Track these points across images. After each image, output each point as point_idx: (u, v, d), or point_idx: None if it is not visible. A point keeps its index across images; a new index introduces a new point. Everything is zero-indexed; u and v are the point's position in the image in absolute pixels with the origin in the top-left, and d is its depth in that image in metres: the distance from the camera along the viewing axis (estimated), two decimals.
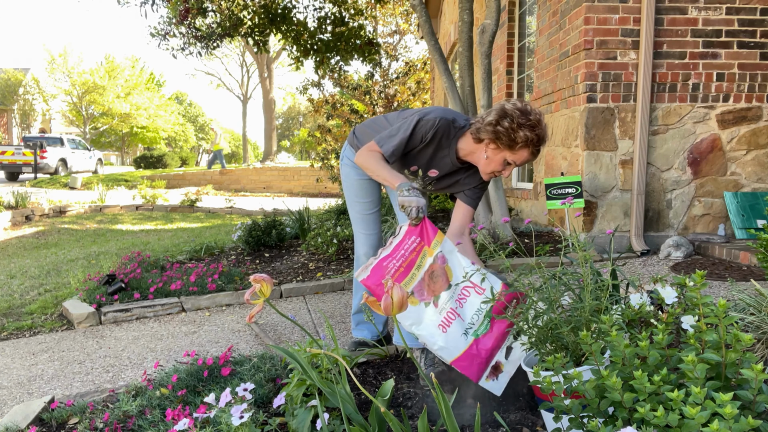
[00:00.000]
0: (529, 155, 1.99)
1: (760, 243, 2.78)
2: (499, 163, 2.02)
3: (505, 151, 1.99)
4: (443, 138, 2.14)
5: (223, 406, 1.61)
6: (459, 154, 2.17)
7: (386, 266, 1.84)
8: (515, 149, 1.97)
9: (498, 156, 2.01)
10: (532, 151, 1.98)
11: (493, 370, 1.78)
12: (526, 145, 1.95)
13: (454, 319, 1.79)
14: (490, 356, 1.77)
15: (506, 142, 1.96)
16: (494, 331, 1.79)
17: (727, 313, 1.25)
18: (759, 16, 4.23)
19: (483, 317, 1.79)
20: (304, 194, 17.16)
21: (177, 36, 7.98)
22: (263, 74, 29.58)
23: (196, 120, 47.70)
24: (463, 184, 2.30)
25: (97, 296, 3.95)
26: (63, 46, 35.56)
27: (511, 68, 6.42)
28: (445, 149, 2.17)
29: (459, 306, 1.82)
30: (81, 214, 10.36)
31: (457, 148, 2.15)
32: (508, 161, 2.01)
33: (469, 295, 1.84)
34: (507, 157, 2.00)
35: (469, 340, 1.77)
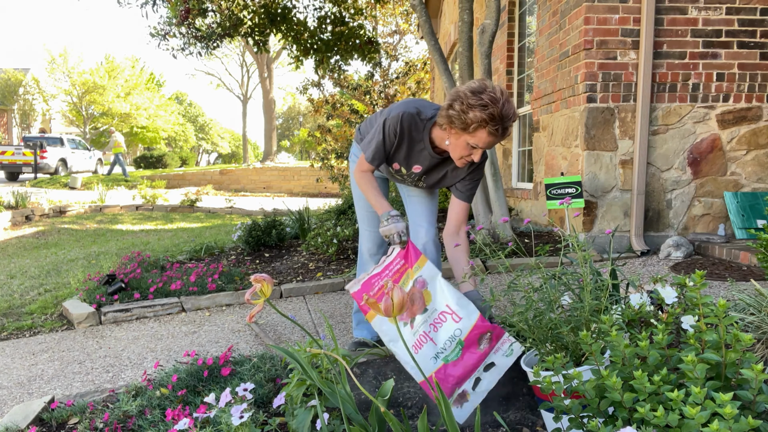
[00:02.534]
0: (489, 136, 1.91)
1: (760, 243, 2.78)
2: (463, 147, 1.98)
3: (463, 135, 1.94)
4: (413, 131, 2.11)
5: (223, 406, 1.61)
6: (434, 144, 2.14)
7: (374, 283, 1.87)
8: (471, 131, 1.91)
9: (460, 140, 1.97)
10: (491, 131, 1.89)
11: (459, 398, 1.79)
12: (480, 126, 1.88)
13: (426, 342, 1.81)
14: (456, 383, 1.78)
15: (459, 125, 1.92)
16: (465, 360, 1.80)
17: (727, 313, 1.25)
18: (759, 16, 4.23)
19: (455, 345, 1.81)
20: (304, 194, 17.16)
21: (177, 36, 7.98)
22: (263, 74, 29.58)
23: (196, 120, 47.70)
24: (452, 177, 2.25)
25: (97, 296, 3.95)
26: (63, 46, 35.52)
27: (511, 68, 6.41)
28: (419, 142, 2.14)
29: (433, 330, 1.84)
30: (81, 214, 10.36)
31: (431, 138, 2.12)
32: (470, 144, 1.95)
33: (446, 320, 1.86)
34: (468, 140, 1.95)
35: (438, 364, 1.78)
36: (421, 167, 2.21)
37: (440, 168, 2.23)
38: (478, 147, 1.95)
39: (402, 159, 2.21)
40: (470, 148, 1.97)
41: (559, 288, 1.70)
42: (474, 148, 1.96)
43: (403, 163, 2.23)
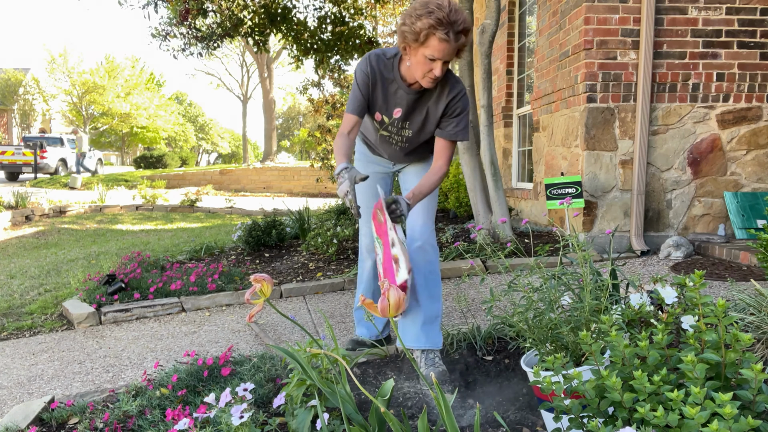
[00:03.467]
0: (441, 42, 1.91)
1: (760, 243, 2.78)
2: (422, 62, 1.98)
3: (419, 49, 1.96)
4: (383, 70, 2.16)
5: (223, 406, 1.61)
6: (405, 79, 2.15)
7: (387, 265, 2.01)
8: (423, 42, 1.93)
9: (417, 56, 1.99)
10: (441, 37, 1.90)
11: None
12: (429, 32, 1.90)
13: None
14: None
15: (412, 38, 1.95)
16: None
17: (726, 313, 1.25)
18: (759, 16, 4.23)
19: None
20: (304, 194, 17.17)
21: (177, 36, 7.98)
22: (263, 74, 29.59)
23: (196, 120, 47.71)
24: (434, 113, 2.22)
25: (97, 296, 3.94)
26: (63, 46, 35.58)
27: (511, 68, 6.42)
28: (392, 82, 2.17)
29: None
30: (81, 214, 10.36)
31: (401, 75, 2.14)
32: (427, 56, 1.96)
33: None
34: (423, 53, 1.96)
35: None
36: (401, 109, 2.22)
37: (420, 106, 2.22)
38: (436, 58, 1.95)
39: (381, 105, 2.24)
40: (429, 61, 1.97)
41: (559, 288, 1.70)
42: (432, 61, 1.97)
43: (383, 109, 2.24)
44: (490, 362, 2.29)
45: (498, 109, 6.58)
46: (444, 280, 4.08)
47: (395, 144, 2.37)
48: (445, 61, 1.97)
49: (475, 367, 2.26)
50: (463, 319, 3.07)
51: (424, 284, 2.30)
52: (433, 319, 2.30)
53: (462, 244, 4.55)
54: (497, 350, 2.35)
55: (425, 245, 2.33)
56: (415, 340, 2.26)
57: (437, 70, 1.99)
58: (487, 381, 2.14)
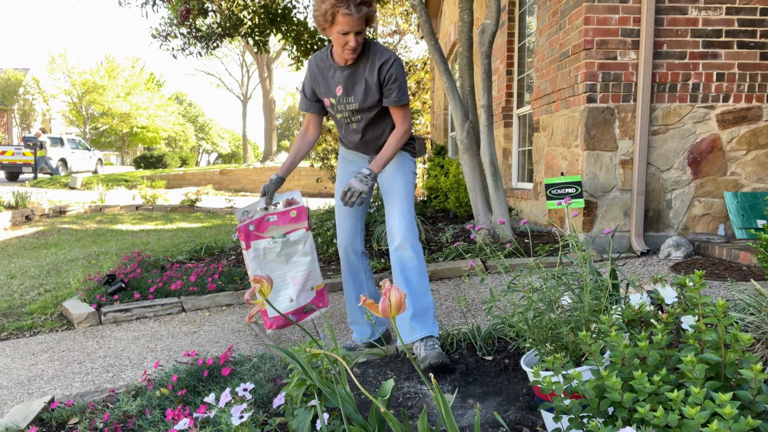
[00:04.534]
0: (345, 17, 2.17)
1: (760, 243, 2.78)
2: (339, 38, 2.25)
3: (332, 28, 2.23)
4: (319, 63, 2.47)
5: (223, 406, 1.61)
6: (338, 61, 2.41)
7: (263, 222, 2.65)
8: (333, 21, 2.21)
9: (333, 34, 2.26)
10: (344, 12, 2.16)
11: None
12: (334, 12, 2.17)
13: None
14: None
15: (323, 20, 2.22)
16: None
17: (726, 313, 1.25)
18: (759, 16, 4.23)
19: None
20: (304, 194, 17.15)
21: (178, 37, 7.98)
22: (263, 74, 29.58)
23: (196, 120, 47.70)
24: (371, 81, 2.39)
25: (97, 296, 3.95)
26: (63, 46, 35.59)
27: (511, 68, 6.42)
28: (329, 68, 2.44)
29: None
30: (81, 214, 10.36)
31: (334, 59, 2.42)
32: (341, 32, 2.22)
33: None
34: (336, 29, 2.22)
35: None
36: (341, 86, 2.43)
37: (355, 79, 2.41)
38: (347, 31, 2.21)
39: (325, 90, 2.49)
40: (342, 36, 2.23)
41: (559, 288, 1.70)
42: (345, 35, 2.23)
43: (328, 94, 2.48)
44: (490, 362, 2.29)
45: (498, 109, 6.59)
46: (444, 280, 4.08)
47: (351, 123, 2.54)
48: (357, 32, 2.22)
49: (475, 367, 2.27)
50: (463, 319, 3.07)
51: (407, 282, 2.33)
52: (424, 311, 2.34)
53: (462, 244, 4.56)
54: (497, 350, 2.35)
55: (404, 244, 2.37)
56: (410, 333, 2.30)
57: (352, 41, 2.24)
58: (487, 381, 2.14)
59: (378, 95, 2.41)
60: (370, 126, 2.52)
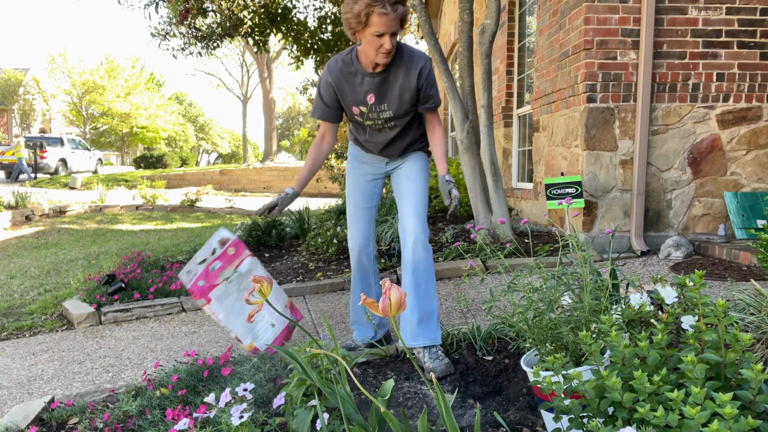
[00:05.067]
0: (382, 17, 2.02)
1: (760, 243, 2.78)
2: (372, 40, 2.09)
3: (365, 30, 2.08)
4: (343, 68, 2.28)
5: (223, 406, 1.61)
6: (367, 66, 2.25)
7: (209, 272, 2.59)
8: (367, 23, 2.05)
9: (367, 36, 2.09)
10: (380, 12, 2.01)
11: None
12: (369, 12, 2.02)
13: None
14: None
15: (355, 21, 2.07)
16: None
17: (726, 313, 1.25)
18: (759, 16, 4.23)
19: None
20: (304, 194, 17.15)
21: (177, 36, 7.98)
22: (263, 74, 29.58)
23: (196, 120, 47.69)
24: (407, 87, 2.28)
25: (97, 296, 3.94)
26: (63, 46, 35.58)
27: (511, 68, 6.42)
28: (356, 75, 2.28)
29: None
30: (81, 214, 10.36)
31: (362, 64, 2.25)
32: (375, 34, 2.07)
33: None
34: (370, 31, 2.07)
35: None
36: (372, 94, 2.29)
37: (389, 85, 2.29)
38: (382, 33, 2.05)
39: (352, 99, 2.32)
40: (377, 38, 2.07)
41: (559, 288, 1.70)
42: (380, 36, 2.07)
43: (358, 102, 2.32)
44: (490, 362, 2.29)
45: (498, 109, 6.59)
46: (444, 280, 4.08)
47: (383, 129, 2.42)
48: (392, 34, 2.07)
49: (475, 367, 2.27)
50: (463, 319, 3.07)
51: (417, 284, 2.31)
52: (429, 315, 2.32)
53: (462, 244, 4.55)
54: (497, 350, 2.35)
55: (417, 245, 2.33)
56: (413, 338, 2.28)
57: (387, 44, 2.08)
58: (487, 381, 2.14)
59: (415, 101, 2.32)
60: (403, 131, 2.45)
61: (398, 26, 2.08)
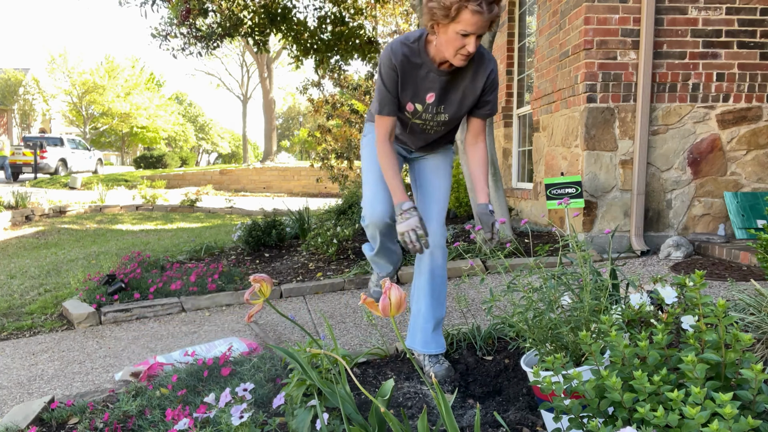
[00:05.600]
0: (474, 15, 1.79)
1: (760, 243, 2.78)
2: (454, 39, 1.86)
3: (449, 25, 1.84)
4: (410, 56, 2.02)
5: (223, 406, 1.61)
6: (435, 60, 2.03)
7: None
8: (455, 17, 1.82)
9: (448, 33, 1.86)
10: (474, 9, 1.78)
11: None
12: (461, 6, 1.79)
13: None
14: None
15: (441, 14, 1.83)
16: None
17: (726, 313, 1.25)
18: (759, 16, 4.23)
19: None
20: (304, 194, 17.17)
21: (178, 36, 7.99)
22: (263, 74, 29.59)
23: (196, 120, 47.70)
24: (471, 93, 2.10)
25: (97, 296, 3.95)
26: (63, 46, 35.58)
27: (511, 68, 6.42)
28: (421, 67, 2.03)
29: None
30: (81, 214, 10.36)
31: (430, 56, 2.02)
32: (460, 32, 1.84)
33: None
34: (455, 29, 1.84)
35: None
36: (434, 93, 2.07)
37: (454, 86, 2.09)
38: (468, 33, 1.84)
39: (412, 94, 2.09)
40: (461, 37, 1.85)
41: (559, 288, 1.70)
42: (465, 36, 1.85)
43: (415, 98, 2.09)
44: (490, 362, 2.29)
45: (498, 109, 6.59)
46: None
47: (429, 130, 2.22)
48: (478, 36, 1.86)
49: (475, 367, 2.27)
50: (463, 319, 3.07)
51: (433, 289, 2.26)
52: (440, 323, 2.31)
53: (462, 244, 4.55)
54: (497, 350, 2.35)
55: (435, 249, 2.24)
56: (425, 346, 2.26)
57: (471, 46, 1.87)
58: (487, 381, 2.14)
59: (472, 106, 2.14)
60: (447, 133, 2.28)
61: (487, 28, 1.87)
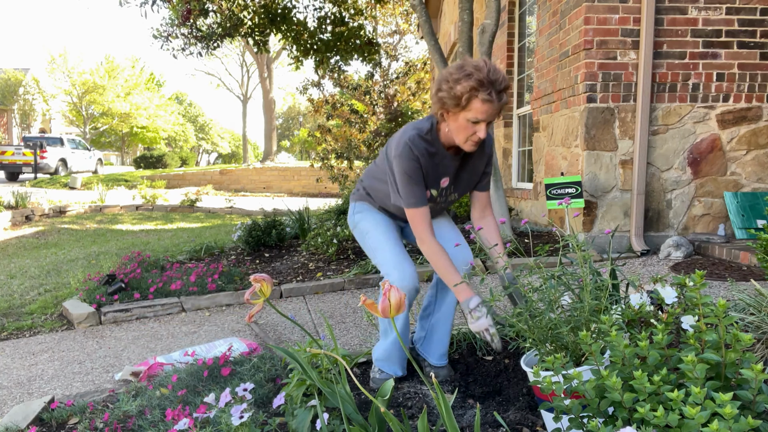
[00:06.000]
0: (484, 104, 1.82)
1: (760, 243, 2.78)
2: (465, 126, 1.89)
3: (460, 113, 1.87)
4: (428, 148, 2.03)
5: (223, 406, 1.61)
6: (446, 146, 2.06)
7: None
8: (465, 106, 1.84)
9: (459, 121, 1.89)
10: (484, 98, 1.81)
11: None
12: (471, 95, 1.82)
13: None
14: None
15: (452, 103, 1.85)
16: None
17: (726, 313, 1.25)
18: (759, 16, 4.23)
19: None
20: (304, 194, 17.17)
21: (179, 37, 7.99)
22: (263, 74, 29.59)
23: (196, 120, 47.71)
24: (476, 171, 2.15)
25: (97, 296, 3.95)
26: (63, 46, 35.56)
27: (511, 68, 6.42)
28: (437, 156, 2.06)
29: None
30: (81, 214, 10.36)
31: (442, 143, 2.05)
32: (470, 120, 1.87)
33: None
34: (466, 116, 1.86)
35: None
36: (448, 177, 2.11)
37: (464, 168, 2.14)
38: (479, 120, 1.86)
39: (432, 181, 2.09)
40: (471, 124, 1.88)
41: (559, 288, 1.70)
42: (475, 123, 1.88)
43: (432, 185, 2.10)
44: (490, 362, 2.29)
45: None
46: None
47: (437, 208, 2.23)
48: (488, 123, 1.89)
49: (475, 367, 2.27)
50: (463, 319, 3.07)
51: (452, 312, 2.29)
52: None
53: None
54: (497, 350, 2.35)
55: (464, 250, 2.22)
56: (439, 359, 2.28)
57: (481, 132, 1.89)
58: (487, 381, 2.14)
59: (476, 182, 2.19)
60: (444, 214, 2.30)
61: (497, 115, 1.90)
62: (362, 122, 11.76)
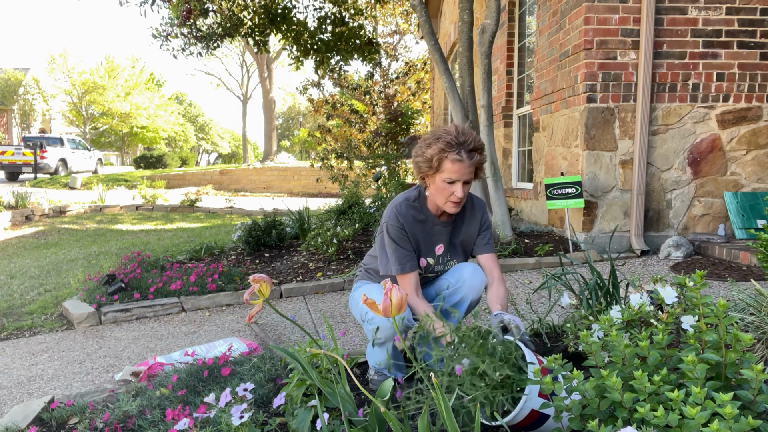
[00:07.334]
0: (455, 163, 1.91)
1: (760, 243, 2.78)
2: (443, 188, 1.97)
3: (436, 175, 1.97)
4: (415, 215, 2.10)
5: (223, 406, 1.61)
6: (435, 213, 2.12)
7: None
8: (438, 167, 1.94)
9: (436, 183, 1.98)
10: (453, 158, 1.90)
11: None
12: (441, 156, 1.92)
13: None
14: None
15: (426, 167, 1.97)
16: None
17: (726, 313, 1.25)
18: (759, 16, 4.23)
19: None
20: (304, 194, 17.17)
21: (179, 37, 7.99)
22: (263, 74, 29.59)
23: (195, 120, 47.71)
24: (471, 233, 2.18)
25: (97, 296, 3.94)
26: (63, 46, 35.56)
27: (511, 68, 6.42)
28: (425, 222, 2.12)
29: None
30: (81, 214, 10.36)
31: (430, 209, 2.12)
32: (446, 180, 1.95)
33: None
34: (441, 177, 1.95)
35: None
36: (442, 245, 2.15)
37: (457, 233, 2.18)
38: (454, 180, 1.94)
39: (424, 250, 2.14)
40: (448, 185, 1.96)
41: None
42: (451, 184, 1.95)
43: (426, 253, 2.15)
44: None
45: (498, 109, 6.59)
46: None
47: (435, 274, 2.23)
48: (465, 182, 1.95)
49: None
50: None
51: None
52: None
53: None
54: None
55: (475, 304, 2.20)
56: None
57: (459, 192, 1.95)
58: None
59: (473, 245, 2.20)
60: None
61: (472, 174, 1.97)
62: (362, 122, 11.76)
